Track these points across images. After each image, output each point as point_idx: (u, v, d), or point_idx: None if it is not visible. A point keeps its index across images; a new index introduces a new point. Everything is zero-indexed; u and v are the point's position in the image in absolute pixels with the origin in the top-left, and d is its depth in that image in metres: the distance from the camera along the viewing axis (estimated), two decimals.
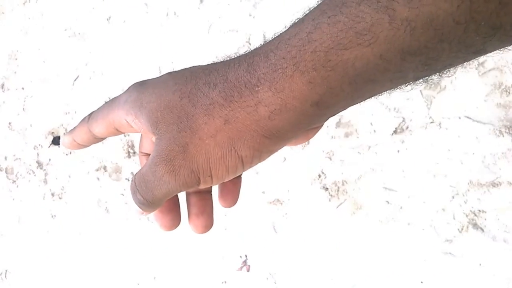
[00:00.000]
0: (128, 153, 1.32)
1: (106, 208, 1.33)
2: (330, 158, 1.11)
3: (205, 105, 0.27)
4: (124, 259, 1.28)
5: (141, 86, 0.30)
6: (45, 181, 1.42)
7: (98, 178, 1.35)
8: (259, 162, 0.29)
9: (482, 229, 0.97)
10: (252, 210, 1.15)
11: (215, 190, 0.34)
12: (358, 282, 1.05)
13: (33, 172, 1.44)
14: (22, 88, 1.51)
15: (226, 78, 0.27)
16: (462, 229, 0.98)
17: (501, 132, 0.97)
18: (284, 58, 0.24)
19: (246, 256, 1.15)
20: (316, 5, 0.25)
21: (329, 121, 0.95)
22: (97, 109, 0.33)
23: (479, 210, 0.98)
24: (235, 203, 0.35)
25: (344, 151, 1.10)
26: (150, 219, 1.26)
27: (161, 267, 1.23)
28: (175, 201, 0.34)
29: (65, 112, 1.43)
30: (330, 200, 1.10)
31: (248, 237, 1.15)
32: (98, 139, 0.34)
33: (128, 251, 1.27)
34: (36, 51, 1.51)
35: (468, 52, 0.23)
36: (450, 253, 0.99)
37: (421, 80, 0.25)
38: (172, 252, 1.22)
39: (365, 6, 0.22)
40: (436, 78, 0.25)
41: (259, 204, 1.15)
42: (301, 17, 0.25)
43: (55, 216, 1.39)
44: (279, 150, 0.30)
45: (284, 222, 1.13)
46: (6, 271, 1.42)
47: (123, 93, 0.31)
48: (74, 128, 0.34)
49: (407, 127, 1.05)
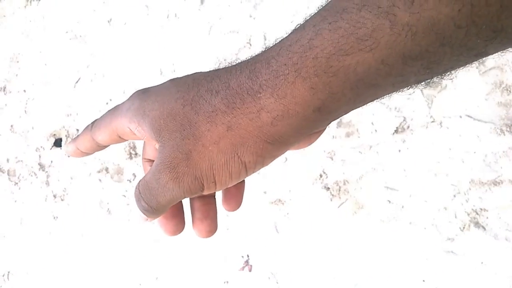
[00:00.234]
0: (130, 155, 1.32)
1: (108, 210, 1.33)
2: (332, 158, 1.11)
3: (208, 112, 0.27)
4: (126, 260, 1.28)
5: (144, 94, 0.30)
6: (47, 183, 1.42)
7: (100, 180, 1.35)
8: (262, 167, 0.29)
9: (484, 228, 0.97)
10: (254, 210, 1.15)
11: (219, 194, 0.35)
12: (360, 282, 1.05)
13: (35, 174, 1.44)
14: (24, 91, 1.51)
15: (228, 85, 0.27)
16: (464, 228, 0.98)
17: (502, 131, 0.97)
18: (286, 65, 0.25)
19: (248, 256, 1.15)
20: (317, 11, 0.25)
21: None
22: (100, 117, 0.33)
23: (481, 209, 0.98)
24: (239, 207, 0.35)
25: (345, 151, 1.10)
26: (154, 224, 1.26)
27: (163, 268, 1.23)
28: (179, 207, 0.34)
29: (67, 114, 1.43)
30: (332, 200, 1.10)
31: (250, 237, 1.15)
32: (101, 147, 0.34)
33: (130, 252, 1.27)
34: (38, 54, 1.52)
35: (470, 55, 0.23)
36: (452, 252, 0.99)
37: (423, 83, 0.25)
38: (174, 253, 1.22)
39: (366, 12, 0.22)
40: (438, 81, 0.25)
41: (261, 204, 1.15)
42: (302, 23, 0.25)
43: (57, 218, 1.39)
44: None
45: (286, 222, 1.13)
46: (9, 273, 1.42)
47: (126, 101, 0.31)
48: (78, 136, 0.34)
49: (408, 127, 1.05)
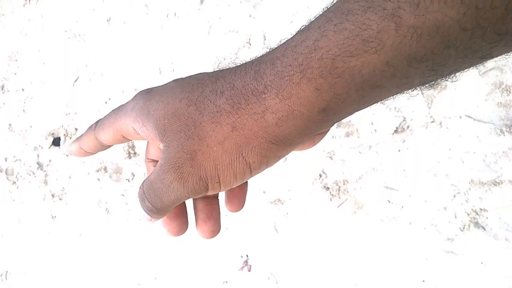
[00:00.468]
0: (129, 154, 1.32)
1: (107, 209, 1.32)
2: (331, 158, 1.11)
3: (212, 113, 0.27)
4: (125, 260, 1.27)
5: (148, 94, 0.30)
6: (45, 182, 1.42)
7: (99, 179, 1.35)
8: (267, 168, 0.29)
9: (484, 228, 0.97)
10: (253, 210, 1.15)
11: (222, 195, 0.35)
12: (360, 282, 1.05)
13: (33, 173, 1.44)
14: (22, 90, 1.51)
15: (233, 86, 0.27)
16: (464, 228, 0.98)
17: (502, 131, 0.98)
18: (291, 66, 0.25)
19: (247, 256, 1.15)
20: (322, 13, 0.25)
21: None
22: (104, 117, 0.33)
23: (481, 209, 0.98)
24: (242, 208, 0.35)
25: (345, 151, 1.10)
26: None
27: (162, 268, 1.23)
28: (182, 207, 0.34)
29: (65, 113, 1.43)
30: (331, 200, 1.10)
31: (249, 237, 1.15)
32: (105, 147, 0.34)
33: (129, 252, 1.27)
34: (36, 53, 1.51)
35: (475, 57, 0.23)
36: (452, 252, 0.99)
37: (427, 85, 0.25)
38: (173, 253, 1.22)
39: (371, 14, 0.22)
40: (442, 83, 0.25)
41: (260, 204, 1.15)
42: (307, 25, 0.26)
43: (56, 217, 1.38)
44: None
45: (285, 222, 1.13)
46: (7, 272, 1.41)
47: (130, 101, 0.31)
48: (81, 136, 0.34)
49: (408, 127, 1.05)
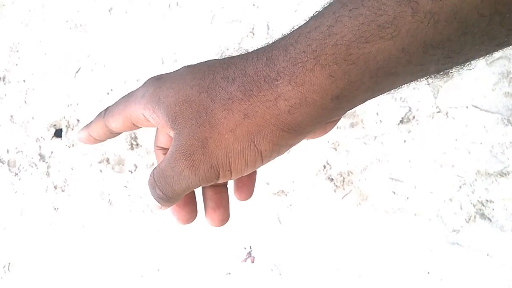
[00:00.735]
0: (131, 145, 1.31)
1: (109, 201, 1.32)
2: (335, 149, 1.10)
3: (224, 100, 0.27)
4: (128, 252, 1.27)
5: (158, 81, 0.30)
6: (48, 174, 1.42)
7: (101, 170, 1.35)
8: (278, 156, 0.29)
9: (490, 219, 0.96)
10: (257, 201, 1.14)
11: (230, 183, 0.34)
12: (364, 273, 1.04)
13: (35, 165, 1.43)
14: (24, 81, 1.50)
15: (245, 72, 0.27)
16: (470, 219, 0.97)
17: (509, 121, 0.96)
18: (305, 52, 0.24)
19: (251, 248, 1.15)
20: None
21: None
22: (113, 104, 0.33)
23: (487, 200, 0.97)
24: (251, 196, 0.35)
25: (350, 142, 1.09)
26: (154, 212, 1.26)
27: (165, 259, 1.23)
28: (192, 195, 0.34)
29: (67, 105, 1.42)
30: (335, 191, 1.09)
31: (253, 229, 1.15)
32: (114, 134, 0.34)
33: (132, 244, 1.27)
34: (37, 43, 1.50)
35: (491, 45, 0.23)
36: (458, 243, 0.98)
37: (442, 73, 0.25)
38: (176, 244, 1.22)
39: None
40: (457, 71, 0.25)
41: (264, 195, 1.14)
42: (321, 10, 0.25)
43: (58, 209, 1.38)
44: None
45: (289, 213, 1.12)
46: (9, 264, 1.41)
47: (140, 88, 0.31)
48: (90, 123, 0.34)
49: (414, 117, 1.04)
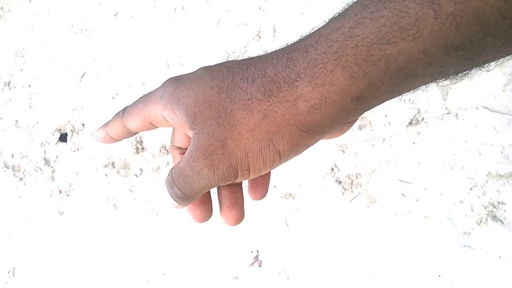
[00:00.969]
0: (137, 149, 1.30)
1: (115, 205, 1.31)
2: (343, 151, 1.09)
3: (244, 100, 0.27)
4: (133, 256, 1.26)
5: (177, 81, 0.30)
6: (53, 178, 1.41)
7: (106, 175, 1.34)
8: (295, 156, 0.29)
9: (502, 221, 0.95)
10: (264, 205, 1.13)
11: (245, 183, 0.34)
12: (373, 277, 1.03)
13: (40, 170, 1.43)
14: (29, 86, 1.50)
15: (265, 73, 0.27)
16: (481, 222, 0.96)
17: None
18: (325, 53, 0.25)
19: (258, 251, 1.14)
20: (357, 0, 0.25)
21: None
22: (132, 104, 0.33)
23: (498, 202, 0.96)
24: (265, 196, 0.35)
25: (358, 144, 1.08)
26: (159, 216, 1.25)
27: (171, 264, 1.22)
28: (207, 194, 0.34)
29: (72, 109, 1.42)
30: (344, 194, 1.08)
31: (260, 232, 1.14)
32: (132, 133, 0.35)
33: (137, 248, 1.26)
34: (43, 48, 1.50)
35: None
36: (469, 246, 0.97)
37: (461, 74, 0.25)
38: (182, 248, 1.21)
39: (410, 1, 0.22)
40: (476, 72, 0.25)
41: (271, 199, 1.14)
42: (342, 12, 0.26)
43: (63, 213, 1.37)
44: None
45: (296, 217, 1.12)
46: (14, 269, 1.40)
47: (159, 88, 0.31)
48: (108, 123, 0.35)
49: (423, 119, 1.03)
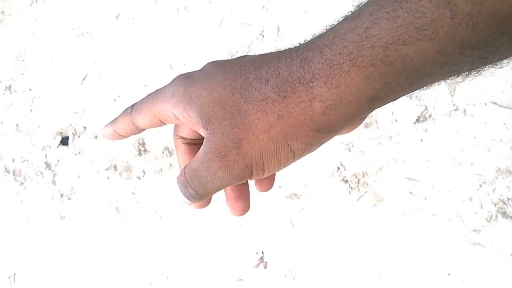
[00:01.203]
0: (139, 151, 1.29)
1: (117, 208, 1.30)
2: (349, 150, 1.08)
3: (258, 101, 0.27)
4: (136, 259, 1.25)
5: (188, 79, 0.30)
6: (54, 182, 1.40)
7: (108, 177, 1.33)
8: (309, 153, 0.30)
9: None
10: (269, 205, 1.12)
11: None
12: (382, 277, 1.01)
13: (41, 174, 1.41)
14: (30, 89, 1.49)
15: (278, 73, 0.27)
16: (491, 219, 0.95)
17: None
18: (341, 54, 0.25)
19: (263, 253, 1.13)
20: (372, 0, 0.25)
21: None
22: (141, 101, 0.33)
23: (508, 199, 0.95)
24: (271, 188, 0.36)
25: (364, 142, 1.07)
26: (162, 218, 1.23)
27: (174, 266, 1.20)
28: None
29: (74, 112, 1.41)
30: (350, 193, 1.07)
31: (265, 233, 1.13)
32: (140, 130, 0.35)
33: (140, 251, 1.25)
34: (44, 52, 1.50)
35: None
36: (479, 244, 0.95)
37: (474, 72, 0.25)
38: (185, 250, 1.19)
39: (426, 1, 0.22)
40: (489, 69, 0.25)
41: (276, 199, 1.13)
42: (356, 12, 0.26)
43: (64, 217, 1.36)
44: None
45: (302, 217, 1.10)
46: (15, 275, 1.39)
47: (169, 86, 0.31)
48: (116, 120, 0.35)
49: (430, 115, 1.02)
